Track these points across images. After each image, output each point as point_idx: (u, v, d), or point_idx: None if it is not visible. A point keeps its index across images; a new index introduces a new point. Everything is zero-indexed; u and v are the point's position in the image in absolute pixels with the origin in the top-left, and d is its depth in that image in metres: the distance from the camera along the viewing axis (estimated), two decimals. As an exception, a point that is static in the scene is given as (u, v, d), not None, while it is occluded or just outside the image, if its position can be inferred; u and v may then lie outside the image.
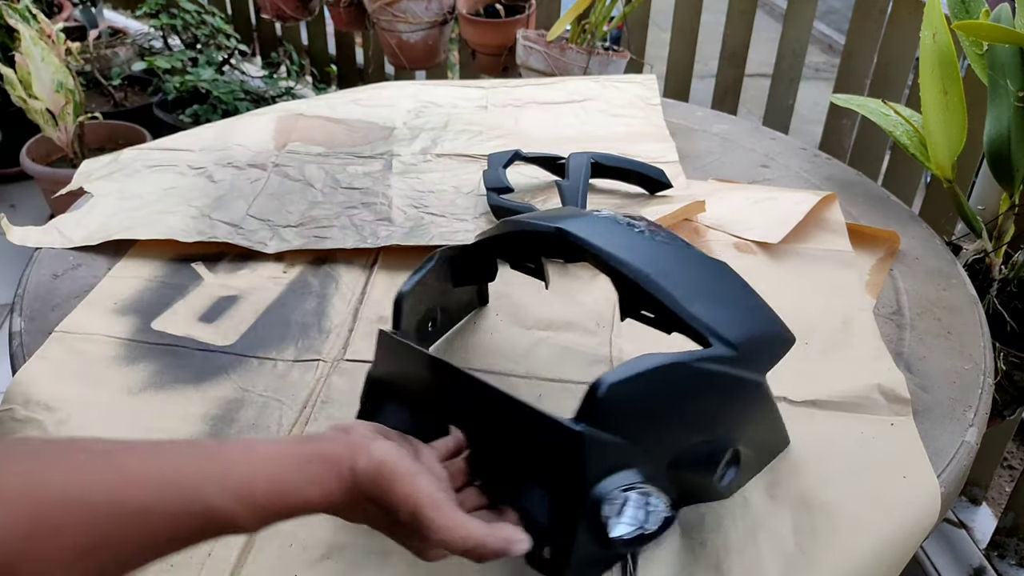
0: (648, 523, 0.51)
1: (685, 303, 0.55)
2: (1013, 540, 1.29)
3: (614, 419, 0.48)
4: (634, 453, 0.50)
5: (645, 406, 0.50)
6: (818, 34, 4.57)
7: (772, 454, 0.62)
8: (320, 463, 0.44)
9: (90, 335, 0.75)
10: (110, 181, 0.98)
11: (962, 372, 0.73)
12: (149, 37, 2.48)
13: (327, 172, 1.00)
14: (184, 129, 1.15)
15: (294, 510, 0.43)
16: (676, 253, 0.60)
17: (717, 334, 0.54)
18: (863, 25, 1.51)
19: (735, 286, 0.60)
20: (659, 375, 0.50)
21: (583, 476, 0.48)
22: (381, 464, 0.44)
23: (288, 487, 0.43)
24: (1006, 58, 0.91)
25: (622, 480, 0.49)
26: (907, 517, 0.59)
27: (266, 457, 0.43)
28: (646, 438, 0.51)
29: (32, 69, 1.74)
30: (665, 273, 0.57)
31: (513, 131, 1.10)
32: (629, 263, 0.57)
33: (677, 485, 0.53)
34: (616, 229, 0.60)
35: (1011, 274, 0.98)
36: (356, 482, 0.44)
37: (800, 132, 2.31)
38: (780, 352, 0.58)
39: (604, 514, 0.49)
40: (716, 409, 0.55)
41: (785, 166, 1.07)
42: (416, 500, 0.44)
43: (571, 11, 1.61)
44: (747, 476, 0.60)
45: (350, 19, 2.08)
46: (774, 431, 0.62)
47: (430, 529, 0.44)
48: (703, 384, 0.53)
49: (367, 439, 0.47)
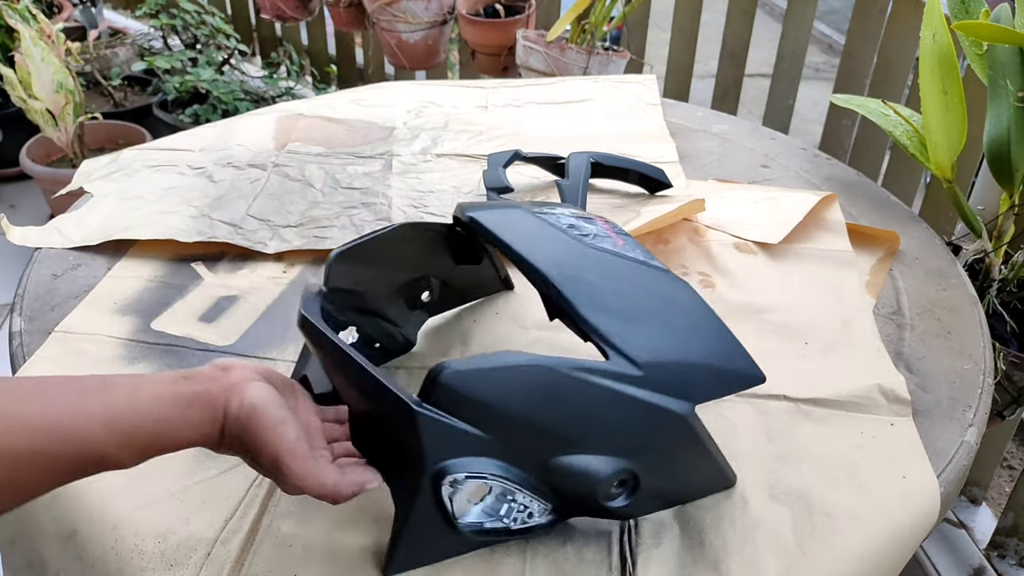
0: (509, 519, 0.52)
1: (585, 311, 0.53)
2: (1013, 540, 1.29)
3: (458, 405, 0.49)
4: (492, 446, 0.51)
5: (501, 401, 0.50)
6: (818, 34, 4.57)
7: (702, 491, 0.59)
8: (200, 405, 0.47)
9: (90, 335, 0.75)
10: (110, 181, 0.99)
11: (962, 372, 0.73)
12: (149, 37, 2.48)
13: (327, 172, 1.00)
14: (184, 129, 1.15)
15: (172, 448, 0.47)
16: (608, 262, 0.58)
17: (617, 349, 0.52)
18: (863, 25, 1.51)
19: (686, 311, 0.57)
20: (518, 373, 0.50)
21: (420, 452, 0.49)
22: (252, 409, 0.48)
23: (170, 428, 0.46)
24: (1006, 58, 0.91)
25: (474, 468, 0.50)
26: (907, 517, 0.59)
27: (151, 399, 0.46)
28: (508, 434, 0.51)
29: (32, 69, 1.74)
30: (575, 278, 0.55)
31: (513, 131, 1.10)
32: (532, 262, 0.55)
33: (559, 493, 0.53)
34: (537, 226, 0.59)
35: (1011, 274, 0.98)
36: (227, 424, 0.48)
37: (800, 132, 2.31)
38: (728, 387, 0.56)
39: (444, 494, 0.50)
40: (604, 426, 0.52)
41: (785, 166, 1.07)
42: (276, 448, 0.48)
43: (571, 11, 1.61)
44: (657, 506, 0.58)
45: (350, 19, 2.08)
46: (705, 468, 0.58)
47: (287, 475, 0.48)
48: (584, 396, 0.51)
49: (244, 380, 0.49)
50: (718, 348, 0.56)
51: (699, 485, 0.59)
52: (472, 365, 0.49)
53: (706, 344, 0.56)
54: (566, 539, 0.56)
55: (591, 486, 0.53)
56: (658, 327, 0.55)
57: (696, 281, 0.83)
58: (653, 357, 0.53)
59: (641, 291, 0.57)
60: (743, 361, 0.56)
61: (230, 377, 0.49)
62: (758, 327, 0.76)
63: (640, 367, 0.52)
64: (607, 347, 0.52)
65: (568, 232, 0.60)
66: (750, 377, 0.57)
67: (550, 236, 0.59)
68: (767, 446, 0.64)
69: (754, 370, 0.57)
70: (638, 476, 0.54)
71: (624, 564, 0.55)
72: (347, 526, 0.57)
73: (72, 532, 0.58)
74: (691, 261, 0.86)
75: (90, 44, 2.31)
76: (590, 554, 0.56)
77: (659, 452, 0.55)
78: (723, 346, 0.56)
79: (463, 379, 0.49)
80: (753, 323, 0.77)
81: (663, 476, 0.56)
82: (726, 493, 0.60)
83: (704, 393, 0.55)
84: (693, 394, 0.54)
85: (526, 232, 0.59)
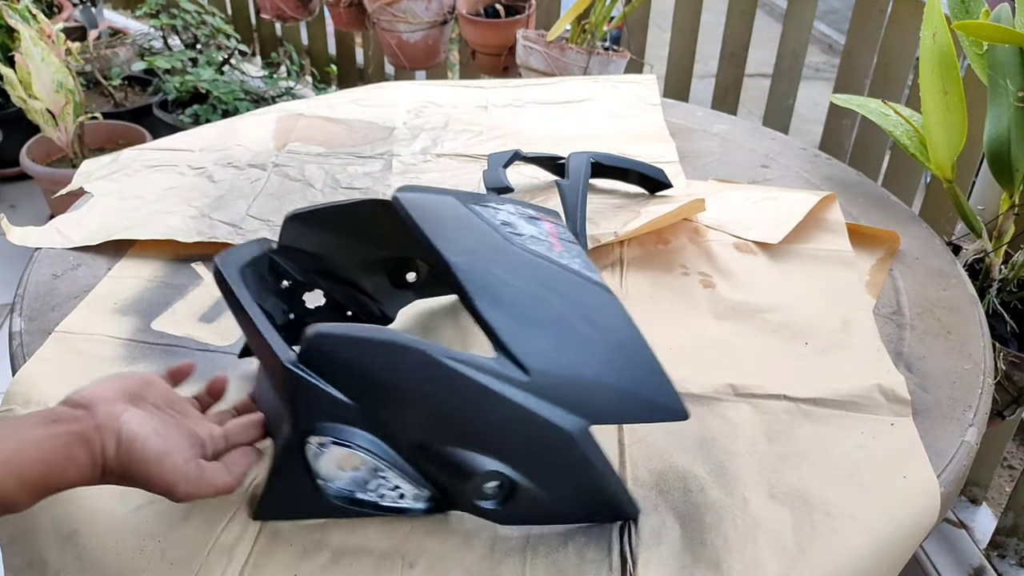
0: (377, 494, 0.54)
1: (482, 304, 0.52)
2: (1013, 540, 1.29)
3: (329, 369, 0.50)
4: (363, 418, 0.51)
5: (363, 371, 0.51)
6: (818, 34, 4.57)
7: (592, 516, 0.57)
8: (77, 446, 0.48)
9: (90, 335, 0.75)
10: (110, 181, 0.99)
11: (962, 372, 0.73)
12: (149, 37, 2.48)
13: (327, 172, 1.00)
14: (184, 129, 1.15)
15: (61, 488, 0.48)
16: (527, 263, 0.56)
17: (505, 348, 0.51)
18: (863, 25, 1.51)
19: (607, 329, 0.55)
20: (389, 349, 0.50)
21: (291, 409, 0.51)
22: (130, 447, 0.48)
23: (57, 470, 0.47)
24: (1006, 58, 0.91)
25: (343, 435, 0.51)
26: (907, 517, 0.59)
27: (34, 443, 0.47)
28: (378, 408, 0.51)
29: (32, 69, 1.74)
30: (482, 271, 0.54)
31: (513, 131, 1.10)
32: (438, 248, 0.54)
33: (434, 482, 0.54)
34: (461, 216, 0.58)
35: (1011, 274, 0.98)
36: (107, 464, 0.49)
37: (800, 132, 2.31)
38: (638, 415, 0.54)
39: (309, 453, 0.52)
40: (480, 423, 0.51)
41: (785, 166, 1.07)
42: (167, 480, 0.49)
43: (571, 11, 1.61)
44: (541, 520, 0.56)
45: (350, 19, 2.08)
46: (597, 492, 0.56)
47: (184, 498, 0.50)
48: (459, 388, 0.50)
49: (112, 417, 0.49)
50: (635, 373, 0.53)
51: (589, 509, 0.57)
52: (342, 331, 0.50)
53: (620, 366, 0.53)
54: (566, 539, 0.56)
55: (461, 481, 0.53)
56: (562, 337, 0.53)
57: (696, 281, 0.83)
58: (545, 366, 0.51)
59: (555, 298, 0.55)
60: (664, 391, 0.54)
61: (96, 416, 0.49)
62: (758, 327, 0.76)
63: (528, 372, 0.51)
64: (496, 345, 0.51)
65: (497, 228, 0.59)
66: (670, 410, 0.54)
67: (471, 227, 0.58)
68: (767, 446, 0.64)
69: (675, 404, 0.54)
70: (516, 483, 0.53)
71: (624, 564, 0.55)
72: (347, 526, 0.57)
73: (72, 532, 0.58)
74: (691, 261, 0.86)
75: (90, 44, 2.31)
76: (590, 554, 0.55)
77: (541, 464, 0.53)
78: (642, 372, 0.54)
79: (330, 343, 0.50)
80: (753, 323, 0.77)
81: (545, 490, 0.54)
82: (727, 493, 0.60)
83: (605, 415, 0.53)
84: (590, 413, 0.52)
85: (446, 219, 0.58)
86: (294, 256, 0.66)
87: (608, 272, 0.84)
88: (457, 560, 0.55)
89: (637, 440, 0.64)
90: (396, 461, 0.53)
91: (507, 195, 0.90)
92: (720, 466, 0.62)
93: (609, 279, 0.83)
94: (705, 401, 0.68)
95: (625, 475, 0.61)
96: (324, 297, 0.70)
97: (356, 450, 0.52)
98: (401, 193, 0.59)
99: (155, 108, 2.23)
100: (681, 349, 0.73)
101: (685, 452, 0.63)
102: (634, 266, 0.85)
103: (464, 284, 0.53)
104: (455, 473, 0.52)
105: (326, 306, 0.70)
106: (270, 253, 0.65)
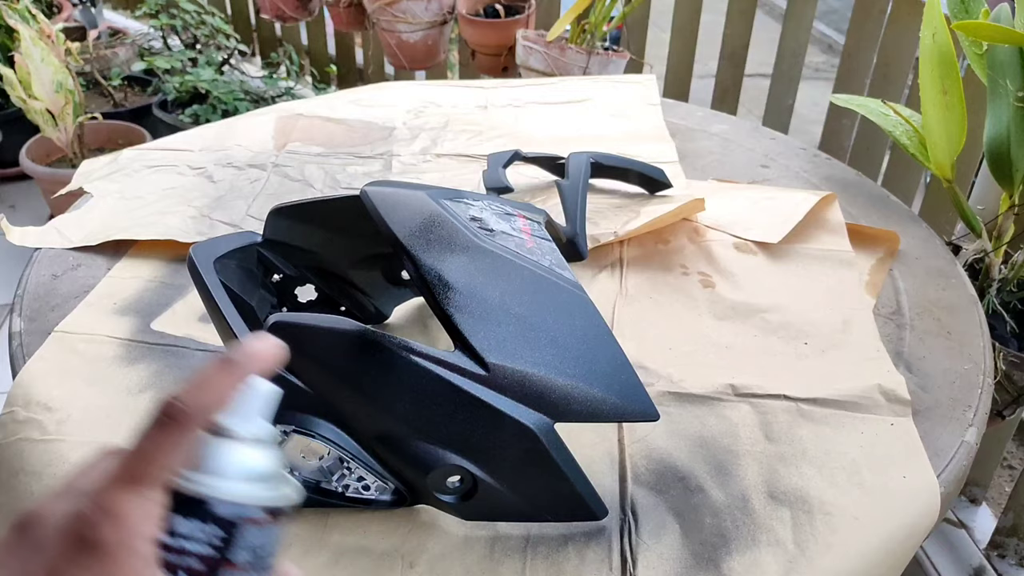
0: (342, 485, 0.55)
1: (442, 299, 0.52)
2: (1013, 540, 1.29)
3: (291, 357, 0.49)
4: (325, 407, 0.51)
5: (322, 361, 0.50)
6: (818, 34, 4.56)
7: (558, 516, 0.56)
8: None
9: (90, 335, 0.75)
10: (110, 181, 0.98)
11: (962, 372, 0.73)
12: (149, 37, 2.48)
13: (327, 172, 1.00)
14: (184, 129, 1.15)
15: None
16: (493, 259, 0.56)
17: (465, 342, 0.51)
18: (863, 25, 1.51)
19: (574, 328, 0.54)
20: (345, 338, 0.50)
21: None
22: None
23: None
24: (1006, 58, 0.91)
25: (305, 424, 0.51)
26: (907, 517, 0.59)
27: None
28: (337, 397, 0.51)
29: (32, 69, 1.74)
30: (441, 269, 0.53)
31: (513, 131, 1.10)
32: (403, 243, 0.54)
33: (397, 475, 0.54)
34: (427, 211, 0.58)
35: (1011, 274, 0.98)
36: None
37: (800, 132, 2.31)
38: (607, 415, 0.53)
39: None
40: (437, 416, 0.51)
41: (785, 166, 1.07)
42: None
43: (571, 11, 1.61)
44: (506, 516, 0.56)
45: (350, 19, 2.08)
46: (561, 492, 0.54)
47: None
48: (417, 380, 0.50)
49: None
50: (603, 373, 0.53)
51: (554, 508, 0.56)
52: (299, 320, 0.50)
53: (588, 365, 0.53)
54: (566, 539, 0.56)
55: (422, 474, 0.52)
56: (525, 333, 0.52)
57: (696, 281, 0.83)
58: (506, 361, 0.51)
59: (520, 294, 0.54)
60: (634, 392, 0.53)
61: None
62: (758, 327, 0.76)
63: (487, 367, 0.50)
64: (455, 339, 0.51)
65: (466, 224, 0.58)
66: (640, 411, 0.53)
67: (438, 222, 0.57)
68: (767, 446, 0.64)
69: (646, 405, 0.53)
70: (477, 478, 0.52)
71: (624, 564, 0.55)
72: (347, 527, 0.57)
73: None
74: (691, 261, 0.86)
75: (90, 44, 2.32)
76: (590, 554, 0.56)
77: (503, 461, 0.52)
78: (611, 372, 0.53)
79: (289, 331, 0.49)
80: (753, 323, 0.77)
81: (508, 487, 0.53)
82: (727, 493, 0.60)
83: (570, 413, 0.52)
84: (554, 410, 0.51)
85: (412, 214, 0.57)
86: (282, 250, 0.66)
87: (608, 272, 0.84)
88: (457, 560, 0.55)
89: (637, 440, 0.64)
90: (358, 452, 0.53)
91: (507, 195, 0.90)
92: (720, 466, 0.62)
93: (609, 279, 0.83)
94: (705, 401, 0.68)
95: (625, 475, 0.61)
96: (316, 292, 0.70)
97: (317, 439, 0.52)
98: (370, 187, 0.59)
99: (155, 108, 2.23)
100: (681, 349, 0.73)
101: (685, 452, 0.63)
102: (634, 266, 0.85)
103: (426, 277, 0.53)
104: (416, 466, 0.52)
105: (318, 300, 0.70)
106: (257, 247, 0.65)
